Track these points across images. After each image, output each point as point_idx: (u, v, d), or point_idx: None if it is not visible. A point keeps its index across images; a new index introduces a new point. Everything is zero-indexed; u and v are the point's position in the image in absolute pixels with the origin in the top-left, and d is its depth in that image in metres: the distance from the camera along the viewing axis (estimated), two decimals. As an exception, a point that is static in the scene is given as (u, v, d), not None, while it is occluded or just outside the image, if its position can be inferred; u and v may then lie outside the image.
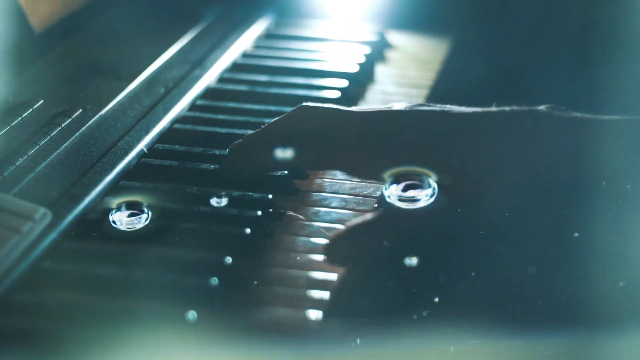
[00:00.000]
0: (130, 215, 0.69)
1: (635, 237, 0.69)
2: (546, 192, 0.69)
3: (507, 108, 0.72)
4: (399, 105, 0.74)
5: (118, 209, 0.70)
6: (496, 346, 0.64)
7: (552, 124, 0.70)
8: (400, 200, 0.69)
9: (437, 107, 0.73)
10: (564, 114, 0.71)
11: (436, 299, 0.66)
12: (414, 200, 0.69)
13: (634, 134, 0.70)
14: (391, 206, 0.69)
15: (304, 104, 0.76)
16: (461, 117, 0.72)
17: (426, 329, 0.64)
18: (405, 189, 0.69)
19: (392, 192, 0.69)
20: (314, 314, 0.63)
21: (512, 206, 0.69)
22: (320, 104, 0.75)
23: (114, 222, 0.69)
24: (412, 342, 0.63)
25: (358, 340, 0.62)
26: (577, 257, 0.69)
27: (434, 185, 0.69)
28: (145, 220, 0.69)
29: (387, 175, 0.69)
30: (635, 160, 0.69)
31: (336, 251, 0.68)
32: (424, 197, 0.69)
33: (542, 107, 0.71)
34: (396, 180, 0.69)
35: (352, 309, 0.65)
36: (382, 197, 0.70)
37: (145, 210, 0.70)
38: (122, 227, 0.69)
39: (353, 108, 0.76)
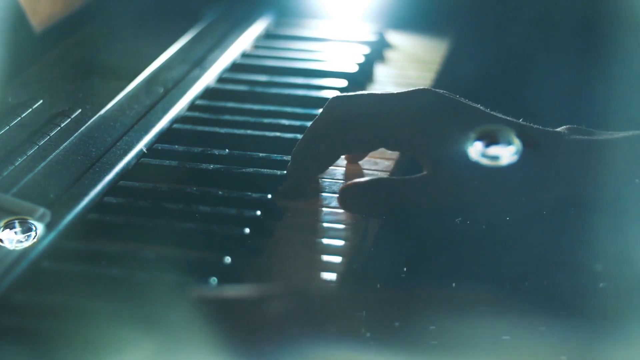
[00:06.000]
0: (21, 233, 0.66)
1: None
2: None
3: (534, 126, 0.73)
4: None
5: (7, 227, 0.66)
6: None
7: (572, 148, 0.71)
8: (483, 156, 0.69)
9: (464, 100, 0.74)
10: (582, 136, 0.72)
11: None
12: (496, 158, 0.69)
13: None
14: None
15: (335, 96, 0.76)
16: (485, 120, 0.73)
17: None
18: (488, 146, 0.69)
19: (476, 149, 0.69)
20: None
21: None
22: (350, 93, 0.76)
23: (1, 240, 0.65)
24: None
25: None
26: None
27: (517, 143, 0.69)
28: (34, 238, 0.66)
29: (472, 133, 0.70)
30: None
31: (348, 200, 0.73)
32: (507, 154, 0.69)
33: (562, 129, 0.72)
34: (480, 137, 0.70)
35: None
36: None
37: (34, 227, 0.67)
38: (11, 247, 0.65)
39: (380, 92, 0.77)
